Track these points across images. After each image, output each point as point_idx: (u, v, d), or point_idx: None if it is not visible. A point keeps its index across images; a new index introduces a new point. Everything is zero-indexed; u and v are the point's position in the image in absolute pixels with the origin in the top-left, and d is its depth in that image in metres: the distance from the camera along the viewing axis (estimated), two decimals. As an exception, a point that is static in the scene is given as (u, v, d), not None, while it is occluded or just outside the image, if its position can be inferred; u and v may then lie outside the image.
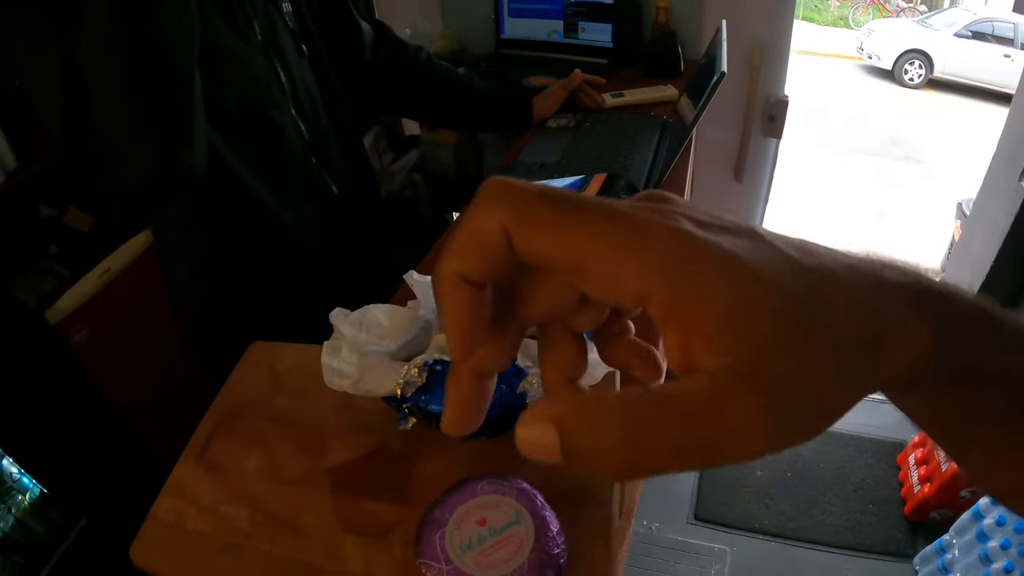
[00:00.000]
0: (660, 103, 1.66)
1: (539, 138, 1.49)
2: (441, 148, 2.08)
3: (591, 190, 1.04)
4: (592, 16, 2.10)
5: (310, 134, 1.15)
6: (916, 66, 9.18)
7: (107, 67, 0.81)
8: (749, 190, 2.33)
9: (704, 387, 0.23)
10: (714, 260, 0.24)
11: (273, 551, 0.51)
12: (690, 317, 0.23)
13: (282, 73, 1.11)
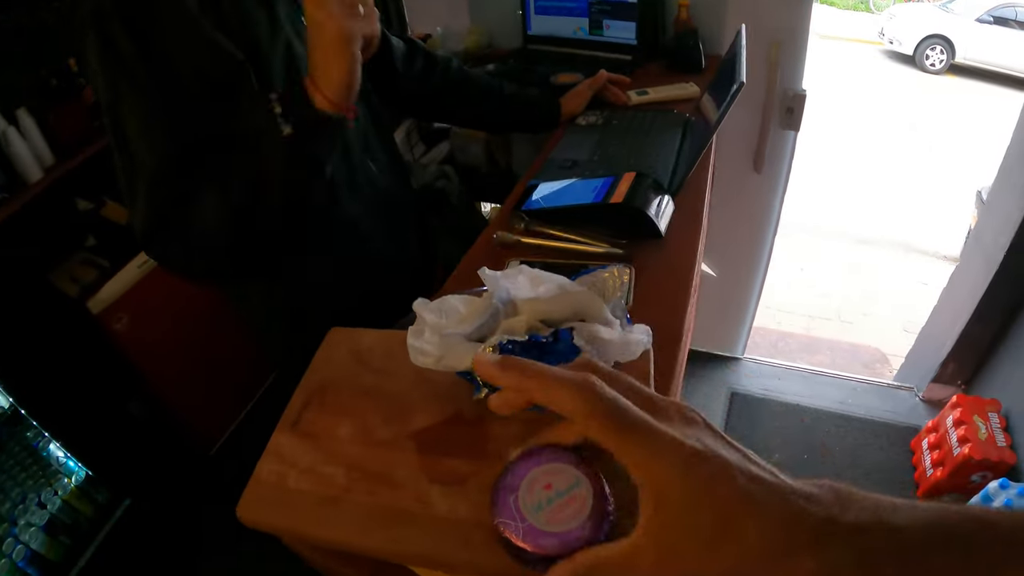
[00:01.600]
0: (683, 100, 1.74)
1: (569, 135, 1.57)
2: (472, 141, 2.15)
3: (622, 187, 1.13)
4: (616, 14, 2.16)
5: (363, 138, 1.25)
6: (937, 51, 9.08)
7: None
8: (767, 180, 2.39)
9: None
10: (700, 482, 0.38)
11: (371, 501, 0.61)
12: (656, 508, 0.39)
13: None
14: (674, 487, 0.38)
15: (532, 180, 1.32)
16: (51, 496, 2.29)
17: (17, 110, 2.59)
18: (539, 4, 2.30)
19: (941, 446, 2.37)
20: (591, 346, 0.59)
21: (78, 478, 2.39)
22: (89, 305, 2.42)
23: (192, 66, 0.99)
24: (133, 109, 0.97)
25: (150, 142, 0.98)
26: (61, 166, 2.67)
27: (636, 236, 1.10)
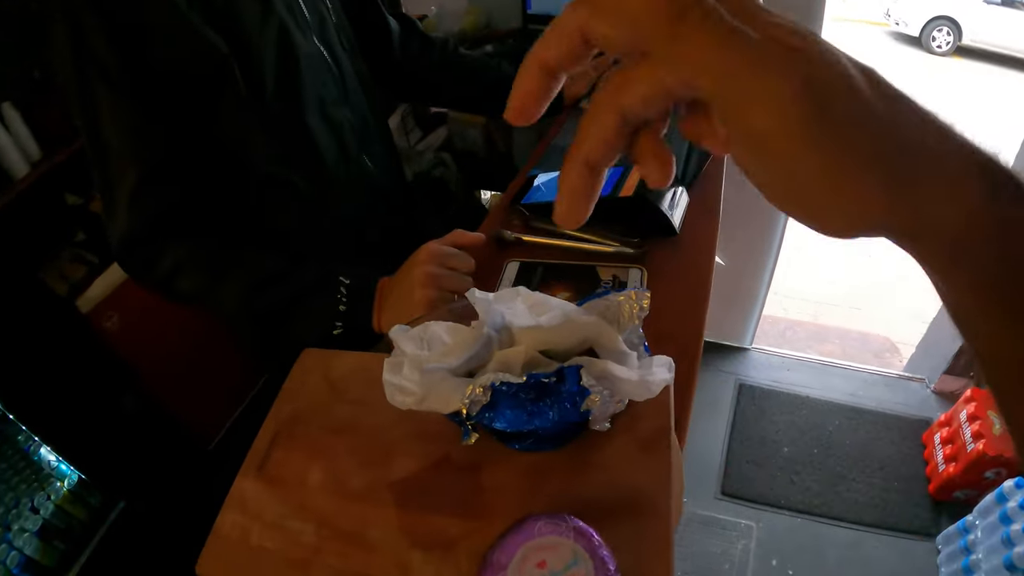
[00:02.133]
0: None
1: (573, 119, 1.47)
2: (469, 126, 2.07)
3: (632, 178, 1.03)
4: (623, -10, 2.04)
5: (361, 129, 1.16)
6: (944, 33, 8.92)
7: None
8: None
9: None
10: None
11: (343, 566, 0.51)
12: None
13: (334, 68, 1.12)
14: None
15: (533, 170, 1.22)
16: (44, 501, 2.26)
17: (1, 104, 2.52)
18: (540, -21, 2.20)
19: (954, 441, 2.31)
20: (602, 386, 0.49)
21: (71, 482, 2.35)
22: (78, 304, 2.38)
23: (174, 61, 0.91)
24: (110, 110, 0.90)
25: (132, 149, 0.92)
26: (48, 160, 2.61)
27: (649, 233, 1.00)
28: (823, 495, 2.40)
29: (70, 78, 0.89)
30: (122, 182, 0.93)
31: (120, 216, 0.94)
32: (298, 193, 1.07)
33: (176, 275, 0.97)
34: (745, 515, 2.38)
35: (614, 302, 0.53)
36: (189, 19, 0.90)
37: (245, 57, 0.96)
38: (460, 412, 0.50)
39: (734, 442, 2.58)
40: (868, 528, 2.30)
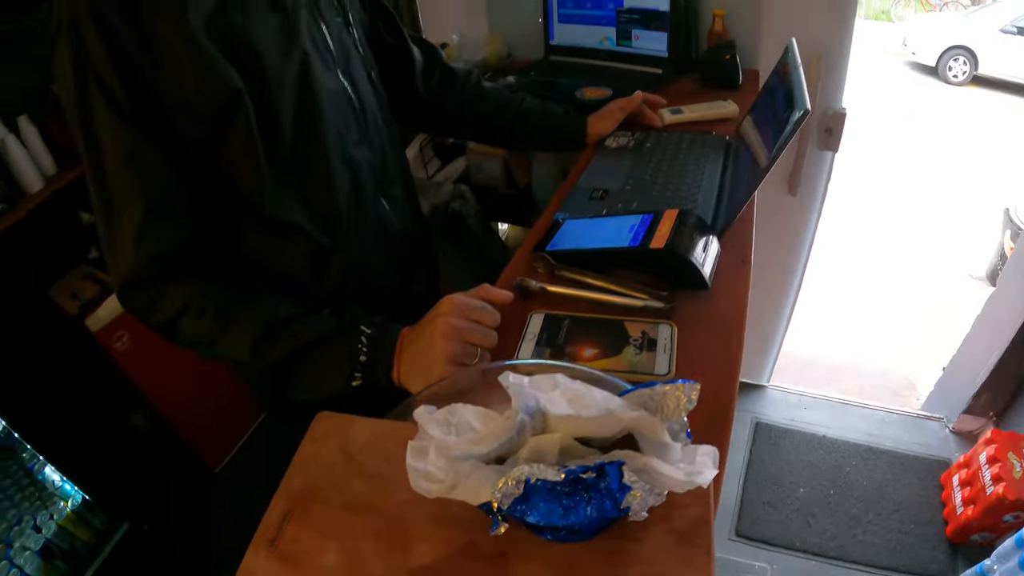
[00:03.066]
0: (720, 120, 1.61)
1: (598, 159, 1.44)
2: (489, 158, 2.04)
3: (663, 227, 0.99)
4: (646, 24, 2.03)
5: (380, 169, 1.14)
6: (960, 63, 9.02)
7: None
8: (803, 204, 2.28)
9: None
10: None
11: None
12: None
13: (356, 103, 1.08)
14: None
15: (558, 214, 1.19)
16: (47, 520, 2.25)
17: (18, 117, 2.54)
18: (563, 12, 2.19)
19: (973, 483, 2.29)
20: (644, 480, 0.45)
21: (74, 502, 2.34)
22: (88, 323, 2.38)
23: (183, 89, 0.86)
24: (113, 138, 0.85)
25: (136, 182, 0.87)
26: (63, 176, 2.63)
27: (679, 284, 0.97)
28: (839, 538, 2.38)
29: (71, 97, 0.84)
30: (126, 217, 0.88)
31: (124, 253, 0.90)
32: (308, 236, 1.03)
33: (181, 318, 0.93)
34: (760, 557, 2.36)
35: (659, 393, 0.49)
36: (203, 47, 0.85)
37: (262, 92, 0.91)
38: (490, 503, 0.46)
39: (749, 482, 2.55)
40: (884, 571, 2.28)
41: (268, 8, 0.94)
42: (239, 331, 0.93)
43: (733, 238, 1.12)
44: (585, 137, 1.52)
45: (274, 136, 0.94)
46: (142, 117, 0.85)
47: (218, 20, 0.87)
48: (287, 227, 1.01)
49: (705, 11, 2.03)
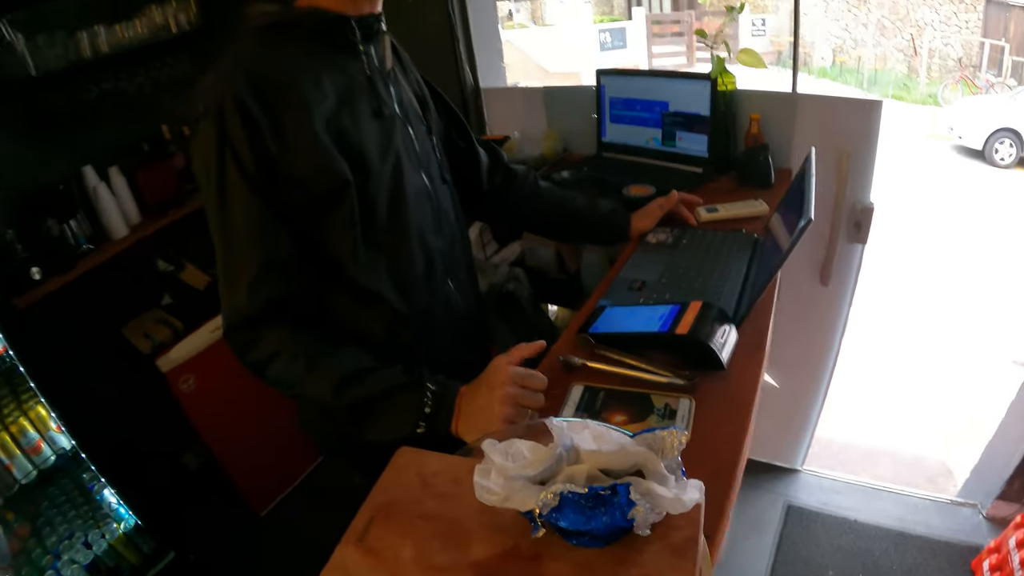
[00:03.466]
0: (752, 218, 1.77)
1: (639, 253, 1.62)
2: (542, 245, 2.22)
3: (688, 317, 1.17)
4: (689, 126, 2.23)
5: (449, 255, 1.34)
6: (1007, 145, 9.06)
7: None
8: (834, 294, 2.40)
9: None
10: None
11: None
12: None
13: (433, 199, 1.30)
14: None
15: (601, 301, 1.37)
16: (98, 538, 2.40)
17: (109, 168, 2.83)
18: (614, 113, 2.40)
19: (1003, 568, 2.28)
20: (645, 500, 0.62)
21: (127, 525, 2.49)
22: (159, 363, 2.57)
23: (302, 175, 1.08)
24: (242, 204, 1.06)
25: (257, 242, 1.08)
26: (146, 226, 2.89)
27: (699, 365, 1.13)
28: (868, 621, 2.39)
29: (211, 170, 1.06)
30: (244, 269, 1.09)
31: (237, 298, 1.10)
32: (388, 304, 1.22)
33: (273, 360, 1.12)
34: (788, 639, 2.39)
35: (660, 436, 0.67)
36: (322, 141, 1.08)
37: (363, 183, 1.13)
38: (533, 511, 0.64)
39: (779, 564, 2.60)
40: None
41: (371, 116, 1.17)
42: (323, 376, 1.11)
43: (751, 326, 1.28)
44: (629, 232, 1.70)
45: (370, 219, 1.16)
46: (267, 189, 1.06)
47: (334, 122, 1.11)
48: (371, 294, 1.20)
49: (743, 115, 2.20)
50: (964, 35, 13.60)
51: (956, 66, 13.45)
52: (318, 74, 1.11)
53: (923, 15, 14.02)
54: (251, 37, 1.12)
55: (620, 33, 16.11)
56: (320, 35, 1.13)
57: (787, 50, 15.39)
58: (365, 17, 1.17)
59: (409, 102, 1.30)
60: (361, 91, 1.17)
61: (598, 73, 2.45)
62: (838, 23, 15.22)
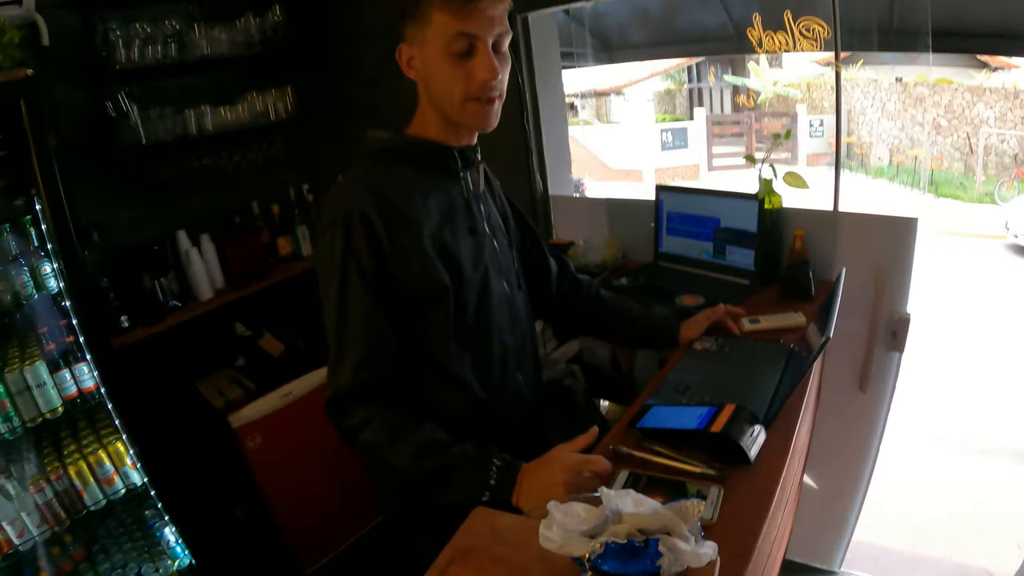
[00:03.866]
0: (790, 329, 1.93)
1: (686, 359, 1.81)
2: (599, 345, 2.42)
3: (722, 417, 1.36)
4: (738, 241, 2.44)
5: (521, 351, 1.58)
6: (1062, 244, 8.83)
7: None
8: (872, 400, 2.51)
9: None
10: None
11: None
12: None
13: (511, 303, 1.56)
14: None
15: (648, 400, 1.58)
16: (151, 571, 2.56)
17: (201, 235, 3.19)
18: (671, 226, 2.64)
19: None
20: (671, 553, 0.83)
21: (181, 564, 2.65)
22: (230, 419, 2.80)
23: (410, 280, 1.34)
24: (358, 300, 1.32)
25: (365, 331, 1.33)
26: (229, 292, 3.21)
27: (730, 459, 1.32)
28: None
29: (335, 270, 1.30)
30: (352, 353, 1.32)
31: (342, 377, 1.33)
32: (469, 389, 1.46)
33: (364, 428, 1.33)
34: None
35: (684, 506, 0.88)
36: (428, 254, 1.34)
37: (458, 289, 1.40)
38: (583, 557, 0.85)
39: (816, 663, 2.64)
40: None
41: (467, 232, 1.45)
42: (405, 446, 1.31)
43: (779, 427, 1.46)
44: (678, 339, 1.89)
45: (461, 319, 1.41)
46: (380, 290, 1.32)
47: (438, 237, 1.38)
48: (455, 380, 1.45)
49: (788, 232, 2.40)
50: (1020, 131, 13.57)
51: (1013, 163, 13.34)
52: (426, 196, 1.38)
53: (979, 112, 13.97)
54: (370, 158, 1.41)
55: (682, 133, 16.50)
56: (427, 161, 1.42)
57: (845, 150, 15.58)
58: (464, 148, 1.45)
59: (496, 219, 1.57)
60: (459, 210, 1.45)
61: (657, 188, 2.72)
62: (895, 123, 15.34)
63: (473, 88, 1.31)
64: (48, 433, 2.46)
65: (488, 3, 1.27)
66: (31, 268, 2.31)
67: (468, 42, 1.28)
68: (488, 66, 1.29)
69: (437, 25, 1.27)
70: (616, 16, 7.00)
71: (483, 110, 1.35)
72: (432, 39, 1.29)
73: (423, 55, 1.33)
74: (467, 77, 1.30)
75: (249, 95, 3.39)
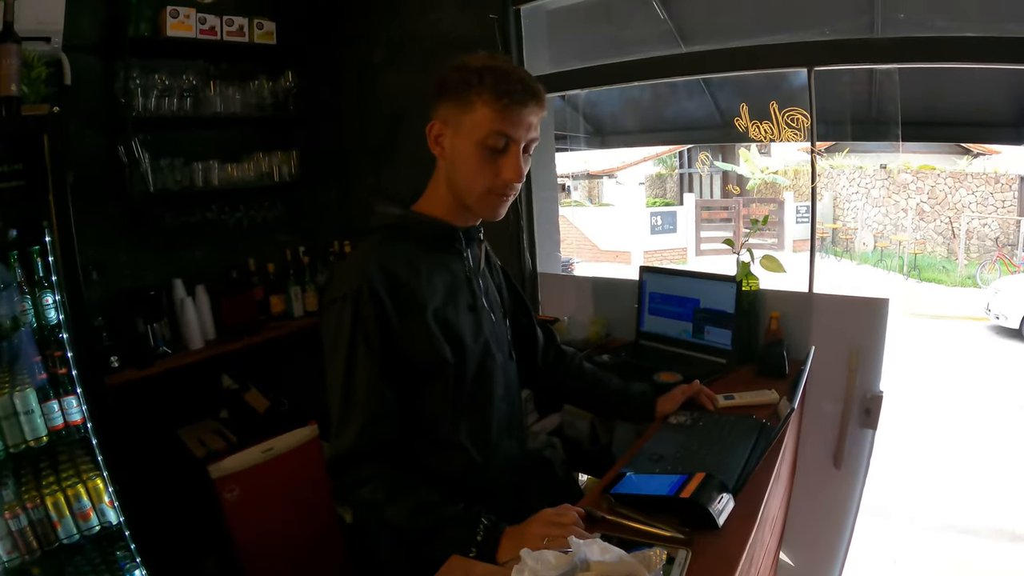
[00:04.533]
0: (763, 406, 2.02)
1: (662, 432, 1.89)
2: (579, 418, 2.48)
3: (692, 485, 1.44)
4: (716, 322, 2.55)
5: (511, 416, 1.68)
6: (1045, 323, 9.01)
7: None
8: (847, 477, 2.57)
9: None
10: None
11: None
12: None
13: (506, 373, 1.67)
14: None
15: (623, 468, 1.65)
16: None
17: (197, 286, 3.27)
18: (652, 306, 2.76)
19: None
20: (634, 600, 0.91)
21: None
22: (210, 469, 2.78)
23: (414, 353, 1.45)
24: (364, 369, 1.41)
25: (369, 399, 1.42)
26: (220, 344, 3.27)
27: (699, 525, 1.39)
28: None
29: (343, 339, 1.39)
30: (356, 417, 1.41)
31: (346, 440, 1.41)
32: (466, 454, 1.55)
33: (362, 486, 1.41)
34: None
35: (647, 554, 0.96)
36: (432, 330, 1.45)
37: (459, 362, 1.50)
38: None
39: None
40: None
41: (467, 309, 1.56)
42: (401, 506, 1.39)
43: (747, 496, 1.54)
44: (654, 413, 1.97)
45: (460, 389, 1.52)
46: (384, 360, 1.42)
47: (441, 313, 1.49)
48: (453, 445, 1.54)
49: (764, 312, 2.52)
50: (1000, 214, 14.00)
51: (994, 246, 13.76)
52: (431, 273, 1.50)
53: (960, 197, 14.51)
54: (379, 232, 1.52)
55: (671, 216, 16.81)
56: (434, 240, 1.54)
57: (830, 236, 15.90)
58: (468, 228, 1.57)
59: (493, 294, 1.69)
60: (461, 288, 1.56)
61: (641, 269, 2.85)
62: (879, 209, 15.75)
63: (499, 184, 1.43)
64: (28, 461, 2.45)
65: (532, 109, 1.39)
66: (34, 297, 2.38)
67: (504, 141, 1.39)
68: (516, 168, 1.41)
69: (479, 116, 1.37)
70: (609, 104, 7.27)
71: (499, 203, 1.48)
72: (469, 128, 1.39)
73: (455, 139, 1.42)
74: (494, 173, 1.42)
75: (256, 155, 3.58)
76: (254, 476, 2.89)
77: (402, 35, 3.63)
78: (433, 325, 1.45)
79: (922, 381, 7.51)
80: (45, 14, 2.65)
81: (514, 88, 1.36)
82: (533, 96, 1.39)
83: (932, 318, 10.69)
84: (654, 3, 3.62)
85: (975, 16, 3.16)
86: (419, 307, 1.44)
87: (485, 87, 1.36)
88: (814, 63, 2.55)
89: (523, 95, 1.37)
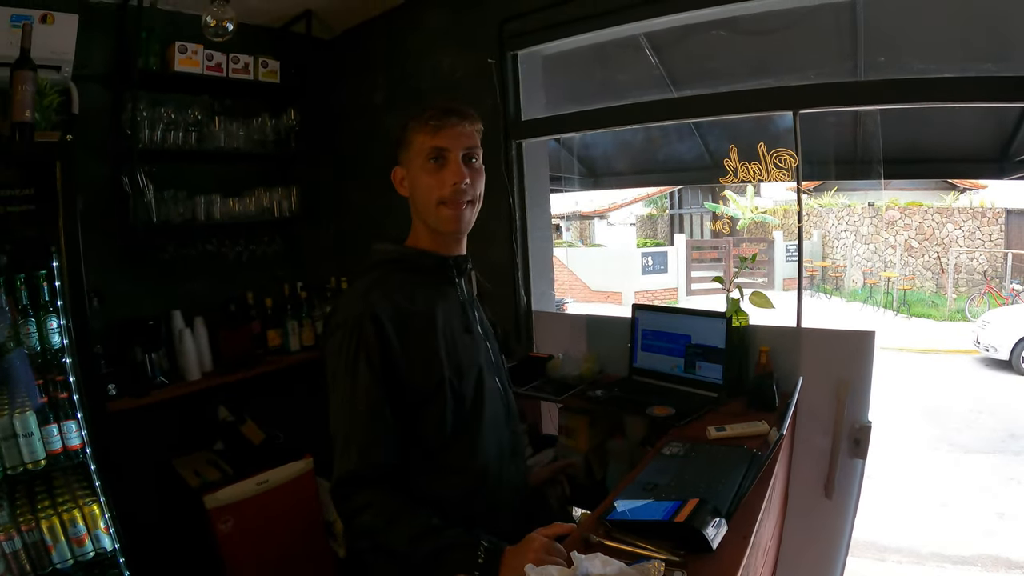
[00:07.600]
0: (753, 436, 2.06)
1: (656, 461, 1.94)
2: (574, 453, 2.54)
3: (686, 510, 1.49)
4: (707, 357, 2.61)
5: (512, 445, 1.73)
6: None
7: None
8: (838, 506, 2.61)
9: None
10: None
11: None
12: None
13: (504, 399, 1.73)
14: None
15: (617, 498, 1.70)
16: None
17: (195, 317, 3.30)
18: (645, 342, 2.82)
19: None
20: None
21: None
22: (205, 499, 2.85)
23: (414, 376, 1.50)
24: (367, 394, 1.47)
25: (372, 422, 1.47)
26: (217, 376, 3.29)
27: (693, 549, 1.44)
28: None
29: (347, 364, 1.45)
30: (359, 439, 1.46)
31: (350, 461, 1.45)
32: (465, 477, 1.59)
33: (364, 511, 1.45)
34: None
35: (646, 566, 1.02)
36: (434, 354, 1.52)
37: (457, 383, 1.55)
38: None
39: None
40: None
41: (464, 332, 1.63)
42: (402, 531, 1.43)
43: (739, 520, 1.59)
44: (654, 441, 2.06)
45: (458, 410, 1.56)
46: (386, 384, 1.48)
47: (438, 337, 1.55)
48: (453, 468, 1.58)
49: (754, 347, 2.58)
50: (988, 248, 14.24)
51: (982, 279, 13.95)
52: (428, 299, 1.57)
53: (948, 232, 14.76)
54: (377, 268, 1.61)
55: (662, 257, 16.91)
56: (427, 269, 1.62)
57: (819, 274, 16.02)
58: (456, 257, 1.65)
59: (487, 325, 1.77)
60: (456, 313, 1.64)
61: (633, 307, 2.91)
62: (868, 246, 15.94)
63: (446, 192, 1.55)
64: (24, 485, 2.46)
65: (455, 122, 1.55)
66: (38, 321, 2.41)
67: (440, 154, 1.54)
68: (457, 172, 1.55)
69: (417, 145, 1.55)
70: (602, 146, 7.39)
71: (453, 214, 1.57)
72: (414, 157, 1.57)
73: (410, 173, 1.59)
74: (439, 183, 1.55)
75: (257, 190, 3.66)
76: (248, 508, 2.94)
77: (403, 77, 3.74)
78: (433, 347, 1.52)
79: (912, 413, 7.60)
80: (58, 43, 2.76)
81: (436, 110, 1.54)
82: (455, 112, 1.55)
83: (922, 352, 10.82)
84: (646, 49, 3.72)
85: (954, 58, 3.28)
86: (419, 331, 1.52)
87: (415, 120, 1.56)
88: (799, 106, 2.66)
89: (445, 113, 1.54)
